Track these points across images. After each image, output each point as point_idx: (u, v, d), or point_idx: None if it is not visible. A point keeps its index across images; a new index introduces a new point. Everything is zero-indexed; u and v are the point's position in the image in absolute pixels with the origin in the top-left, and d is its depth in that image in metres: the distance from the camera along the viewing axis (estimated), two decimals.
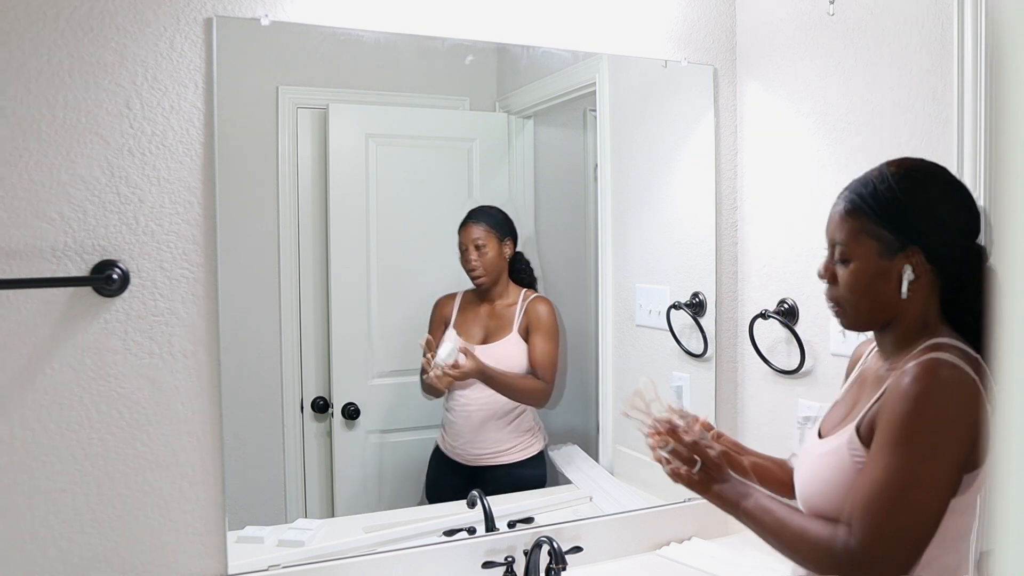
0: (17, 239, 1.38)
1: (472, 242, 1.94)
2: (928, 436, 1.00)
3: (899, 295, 1.09)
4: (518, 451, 1.98)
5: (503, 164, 2.06)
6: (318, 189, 1.84)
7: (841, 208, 1.15)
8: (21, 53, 1.37)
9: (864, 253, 1.11)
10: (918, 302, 1.11)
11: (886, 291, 1.10)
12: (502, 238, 1.96)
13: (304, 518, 1.76)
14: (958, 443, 1.01)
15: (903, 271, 1.09)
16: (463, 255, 1.95)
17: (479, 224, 1.94)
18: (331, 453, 1.89)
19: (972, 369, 1.03)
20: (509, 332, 1.95)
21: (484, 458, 1.95)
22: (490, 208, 1.97)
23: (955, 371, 1.02)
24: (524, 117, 2.05)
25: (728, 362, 2.03)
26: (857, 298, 1.13)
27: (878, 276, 1.10)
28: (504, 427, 1.97)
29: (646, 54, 1.92)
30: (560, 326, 2.02)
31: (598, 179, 2.09)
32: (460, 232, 1.95)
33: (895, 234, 1.09)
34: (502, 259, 1.97)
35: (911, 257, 1.09)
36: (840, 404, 1.25)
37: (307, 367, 1.85)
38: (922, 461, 1.00)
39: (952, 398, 1.01)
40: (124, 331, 1.45)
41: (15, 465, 1.39)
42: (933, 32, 1.50)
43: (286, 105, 1.78)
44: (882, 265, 1.10)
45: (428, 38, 1.71)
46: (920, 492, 1.01)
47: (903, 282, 1.08)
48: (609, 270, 2.09)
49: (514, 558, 1.69)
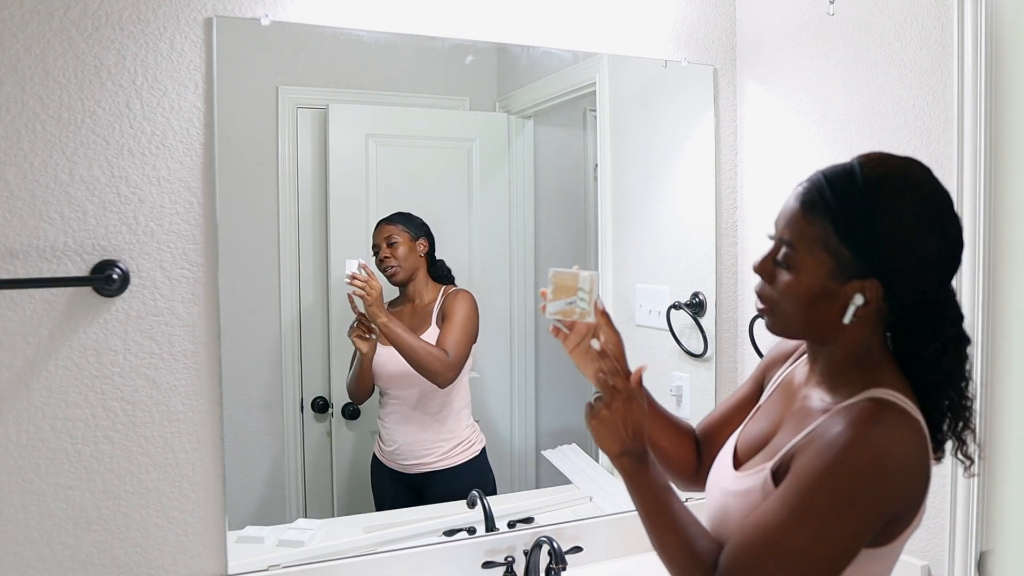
0: (17, 239, 1.38)
1: (384, 240, 1.89)
2: (841, 498, 0.88)
3: (840, 320, 0.95)
4: (454, 455, 1.93)
5: (503, 164, 2.06)
6: (318, 189, 1.84)
7: (798, 205, 0.97)
8: (16, 52, 1.37)
9: (813, 267, 0.95)
10: (861, 331, 0.97)
11: (827, 313, 0.96)
12: (415, 237, 1.92)
13: (304, 518, 1.76)
14: (874, 509, 0.89)
15: (852, 298, 0.94)
16: (376, 254, 1.90)
17: (391, 224, 1.90)
18: (331, 453, 1.89)
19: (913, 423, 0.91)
20: (428, 326, 1.92)
21: (421, 465, 1.90)
22: (404, 213, 1.93)
23: (893, 426, 0.90)
24: (524, 117, 2.04)
25: (728, 362, 2.03)
26: (792, 311, 0.98)
27: (823, 296, 0.95)
28: (440, 430, 1.92)
29: (646, 54, 1.92)
30: (474, 314, 1.95)
31: (598, 179, 2.09)
32: (373, 235, 1.90)
33: (856, 258, 0.93)
34: (415, 255, 1.92)
35: (867, 289, 0.93)
36: (760, 419, 1.12)
37: (307, 367, 1.85)
38: (818, 522, 0.88)
39: (884, 457, 0.88)
40: (124, 331, 1.45)
41: (13, 465, 1.39)
42: (933, 32, 1.50)
43: (286, 105, 1.78)
44: (830, 286, 0.95)
45: (428, 38, 1.71)
46: (810, 551, 0.88)
47: (849, 309, 0.94)
48: (609, 270, 2.09)
49: (514, 558, 1.69)
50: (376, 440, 1.93)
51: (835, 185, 0.95)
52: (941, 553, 1.49)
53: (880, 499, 0.88)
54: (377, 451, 1.93)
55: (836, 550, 0.89)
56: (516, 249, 2.07)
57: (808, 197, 0.96)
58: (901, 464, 0.89)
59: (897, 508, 0.91)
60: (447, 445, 1.93)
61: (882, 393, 0.93)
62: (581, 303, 1.12)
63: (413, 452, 1.90)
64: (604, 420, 1.04)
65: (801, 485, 0.90)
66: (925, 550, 1.53)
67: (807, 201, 0.96)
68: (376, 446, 1.93)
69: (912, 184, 0.94)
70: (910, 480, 0.90)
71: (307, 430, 1.85)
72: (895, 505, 0.90)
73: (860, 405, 0.92)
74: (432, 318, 1.92)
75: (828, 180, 0.96)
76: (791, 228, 0.97)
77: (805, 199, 0.96)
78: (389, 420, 1.91)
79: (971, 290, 1.43)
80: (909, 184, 0.94)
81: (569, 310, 1.12)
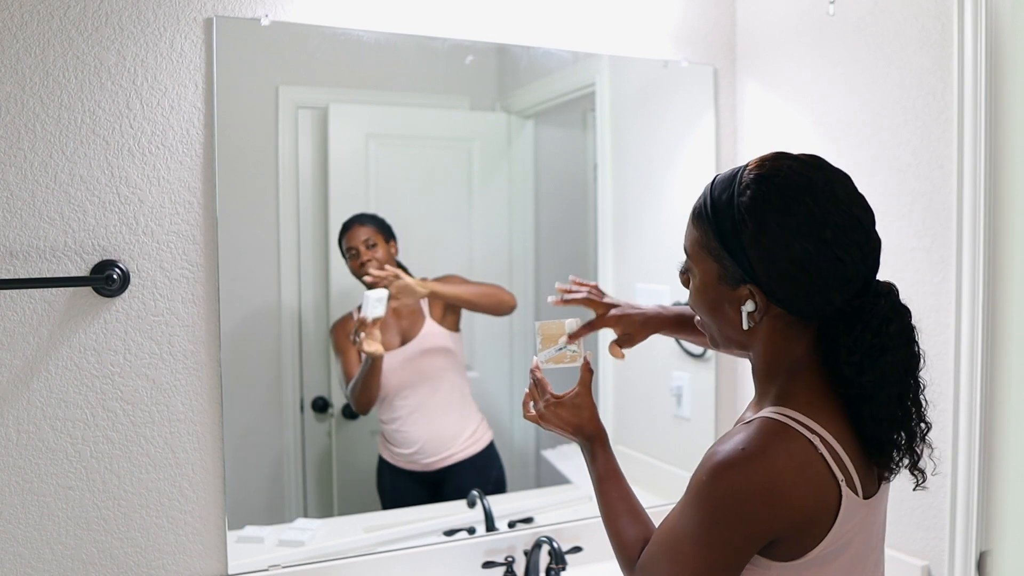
0: (17, 239, 1.38)
1: (362, 242, 1.84)
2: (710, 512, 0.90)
3: (742, 327, 0.95)
4: (472, 443, 1.93)
5: (503, 164, 2.06)
6: (318, 189, 1.84)
7: (690, 213, 0.99)
8: (16, 52, 1.37)
9: (705, 273, 0.97)
10: (775, 341, 0.96)
11: (731, 320, 0.96)
12: (387, 239, 1.89)
13: (304, 518, 1.76)
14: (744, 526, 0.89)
15: (743, 303, 0.94)
16: (354, 258, 1.85)
17: (365, 225, 1.87)
18: (331, 453, 1.89)
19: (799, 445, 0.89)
20: (423, 322, 1.91)
21: (443, 460, 1.91)
22: (371, 214, 1.90)
23: (772, 448, 0.89)
24: (524, 117, 2.05)
25: (728, 362, 2.03)
26: (705, 319, 1.01)
27: (719, 301, 0.97)
28: (456, 420, 1.93)
29: (646, 54, 1.92)
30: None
31: (598, 179, 2.09)
32: (344, 238, 1.85)
33: (736, 263, 0.93)
34: (391, 258, 1.88)
35: (753, 294, 0.93)
36: None
37: (307, 367, 1.85)
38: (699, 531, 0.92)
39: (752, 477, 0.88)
40: (124, 331, 1.45)
41: (13, 465, 1.39)
42: (933, 32, 1.50)
43: (286, 105, 1.79)
44: (723, 291, 0.96)
45: (428, 38, 1.71)
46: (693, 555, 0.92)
47: (743, 314, 0.94)
48: (609, 270, 2.09)
49: (514, 558, 1.69)
50: (384, 446, 1.92)
51: (715, 190, 0.95)
52: (941, 553, 1.49)
53: (749, 517, 0.89)
54: (388, 456, 1.91)
55: (718, 559, 0.91)
56: (516, 249, 2.07)
57: (696, 204, 0.98)
58: (772, 486, 0.88)
59: (776, 527, 0.89)
60: (467, 432, 1.94)
61: (778, 413, 0.92)
62: (571, 349, 1.24)
63: (436, 448, 1.91)
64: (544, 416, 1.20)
65: (687, 494, 0.94)
66: (925, 550, 1.53)
67: (695, 208, 0.98)
68: (386, 451, 1.92)
69: (782, 186, 0.91)
70: (783, 500, 0.88)
71: (307, 430, 1.85)
72: (772, 525, 0.89)
73: (753, 423, 0.92)
74: (425, 314, 1.92)
75: (711, 186, 0.97)
76: (686, 237, 1.00)
77: (694, 206, 0.98)
78: (406, 422, 1.89)
79: (971, 290, 1.43)
80: (779, 186, 0.91)
81: (560, 356, 1.24)
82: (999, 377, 1.36)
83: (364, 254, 1.85)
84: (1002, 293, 1.36)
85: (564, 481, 2.04)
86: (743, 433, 0.91)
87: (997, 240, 1.41)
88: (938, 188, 1.51)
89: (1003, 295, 1.34)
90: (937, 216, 1.51)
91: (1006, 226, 1.33)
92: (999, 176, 1.41)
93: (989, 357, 1.41)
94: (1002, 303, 1.36)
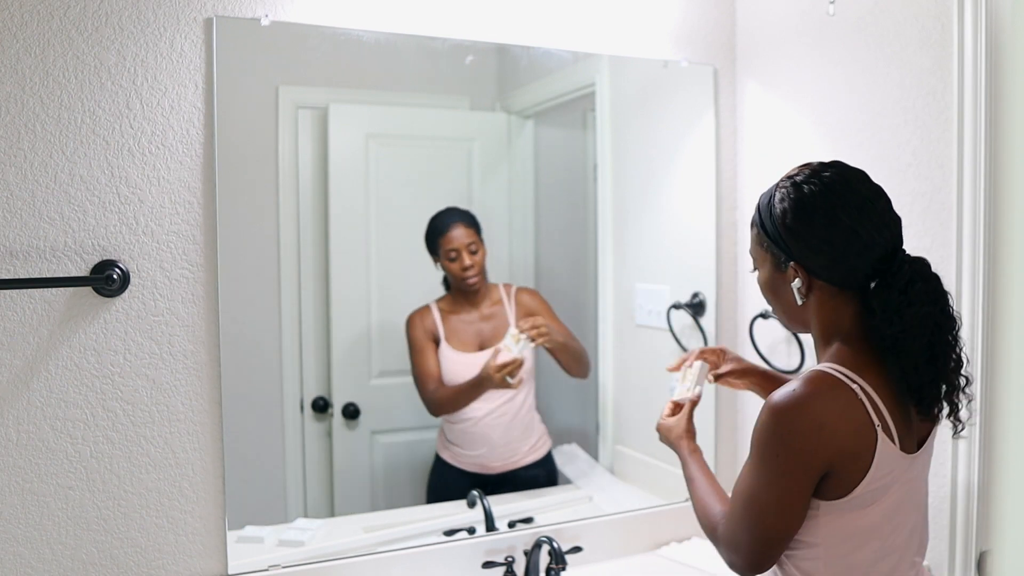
0: (17, 239, 1.38)
1: (466, 246, 1.89)
2: (772, 450, 1.08)
3: (797, 303, 1.16)
4: (535, 451, 1.99)
5: (503, 164, 2.06)
6: (318, 189, 1.84)
7: (750, 223, 1.24)
8: (16, 52, 1.37)
9: (763, 264, 1.21)
10: (826, 314, 1.15)
11: (789, 300, 1.18)
12: (482, 238, 1.94)
13: (304, 518, 1.76)
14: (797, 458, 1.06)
15: (792, 280, 1.15)
16: (454, 260, 1.90)
17: (467, 226, 1.91)
18: (331, 453, 1.89)
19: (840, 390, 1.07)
20: (508, 329, 1.93)
21: (508, 464, 1.94)
22: (461, 209, 1.93)
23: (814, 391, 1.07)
24: (524, 117, 2.05)
25: None
26: (771, 303, 1.23)
27: (777, 285, 1.19)
28: (525, 427, 1.97)
29: (646, 54, 1.92)
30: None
31: (598, 179, 2.09)
32: (445, 237, 1.89)
33: (780, 249, 1.15)
34: (484, 260, 1.94)
35: (797, 271, 1.14)
36: None
37: (307, 367, 1.85)
38: (764, 472, 1.09)
39: (797, 416, 1.06)
40: (124, 331, 1.45)
41: (13, 465, 1.39)
42: (933, 32, 1.50)
43: (286, 105, 1.78)
44: (777, 276, 1.18)
45: (428, 38, 1.71)
46: (763, 497, 1.09)
47: (794, 290, 1.15)
48: (609, 270, 2.09)
49: (514, 558, 1.69)
50: (445, 445, 1.94)
51: (761, 199, 1.20)
52: (941, 553, 1.49)
53: (803, 452, 1.06)
54: (448, 456, 1.94)
55: (783, 496, 1.08)
56: (516, 249, 2.07)
57: (754, 213, 1.23)
58: (816, 423, 1.05)
59: (826, 457, 1.06)
60: (532, 439, 1.98)
61: (823, 367, 1.11)
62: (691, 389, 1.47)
63: (504, 453, 1.94)
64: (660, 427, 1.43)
65: (751, 449, 1.12)
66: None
67: (753, 218, 1.22)
68: (446, 451, 1.94)
69: (802, 184, 1.13)
70: (830, 435, 1.05)
71: (307, 430, 1.85)
72: (822, 455, 1.06)
73: (805, 375, 1.10)
74: (510, 322, 1.93)
75: (764, 197, 1.20)
76: (750, 239, 1.24)
77: (753, 218, 1.23)
78: (479, 424, 1.92)
79: (971, 290, 1.43)
80: (800, 185, 1.13)
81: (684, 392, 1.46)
82: (999, 377, 1.36)
83: (467, 259, 1.90)
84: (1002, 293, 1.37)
85: (564, 481, 2.04)
86: (796, 382, 1.09)
87: (997, 240, 1.41)
88: (938, 188, 1.51)
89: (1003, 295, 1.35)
90: (937, 216, 1.51)
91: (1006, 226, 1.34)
92: (999, 176, 1.41)
93: (989, 357, 1.41)
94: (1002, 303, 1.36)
